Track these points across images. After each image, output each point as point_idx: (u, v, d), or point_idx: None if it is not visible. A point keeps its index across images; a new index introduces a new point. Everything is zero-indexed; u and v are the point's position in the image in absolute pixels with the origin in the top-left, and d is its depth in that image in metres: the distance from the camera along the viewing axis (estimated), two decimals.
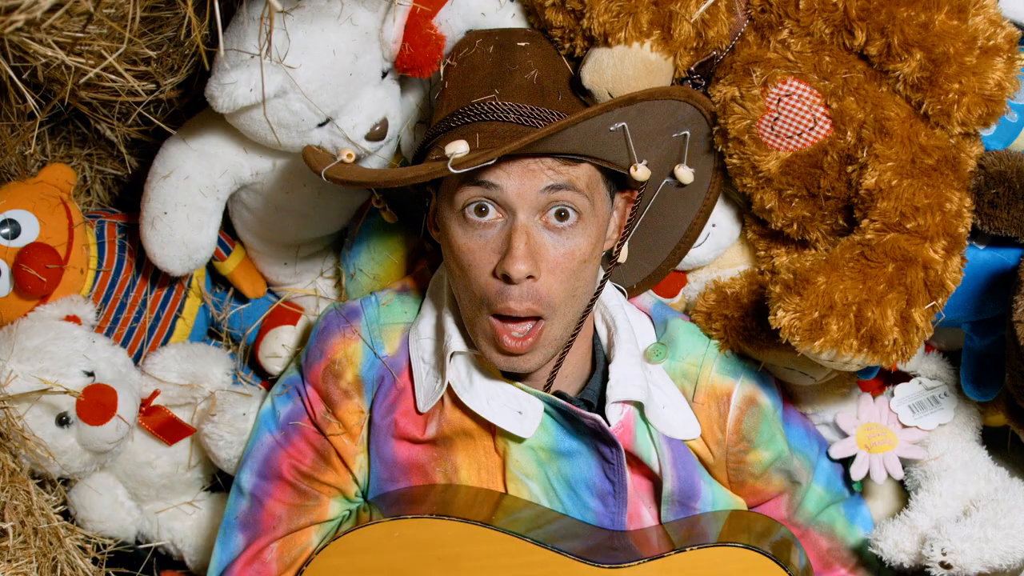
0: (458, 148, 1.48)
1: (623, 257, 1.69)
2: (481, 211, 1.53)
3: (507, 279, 1.51)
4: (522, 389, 1.63)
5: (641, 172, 1.58)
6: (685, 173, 1.65)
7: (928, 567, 1.68)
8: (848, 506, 1.83)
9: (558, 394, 1.65)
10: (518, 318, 1.55)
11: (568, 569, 1.61)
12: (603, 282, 1.66)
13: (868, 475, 1.79)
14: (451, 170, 1.45)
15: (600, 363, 1.70)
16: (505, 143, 1.47)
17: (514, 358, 1.58)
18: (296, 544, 1.70)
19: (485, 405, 1.62)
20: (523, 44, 1.61)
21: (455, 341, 1.64)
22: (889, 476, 1.79)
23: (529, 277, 1.52)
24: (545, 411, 1.63)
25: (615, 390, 1.64)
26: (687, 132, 1.64)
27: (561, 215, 1.53)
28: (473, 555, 1.62)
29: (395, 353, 1.70)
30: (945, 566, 1.66)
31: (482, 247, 1.54)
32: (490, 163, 1.45)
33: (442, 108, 1.62)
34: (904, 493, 1.85)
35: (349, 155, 1.64)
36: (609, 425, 1.63)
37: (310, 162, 1.58)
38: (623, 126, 1.54)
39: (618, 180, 1.63)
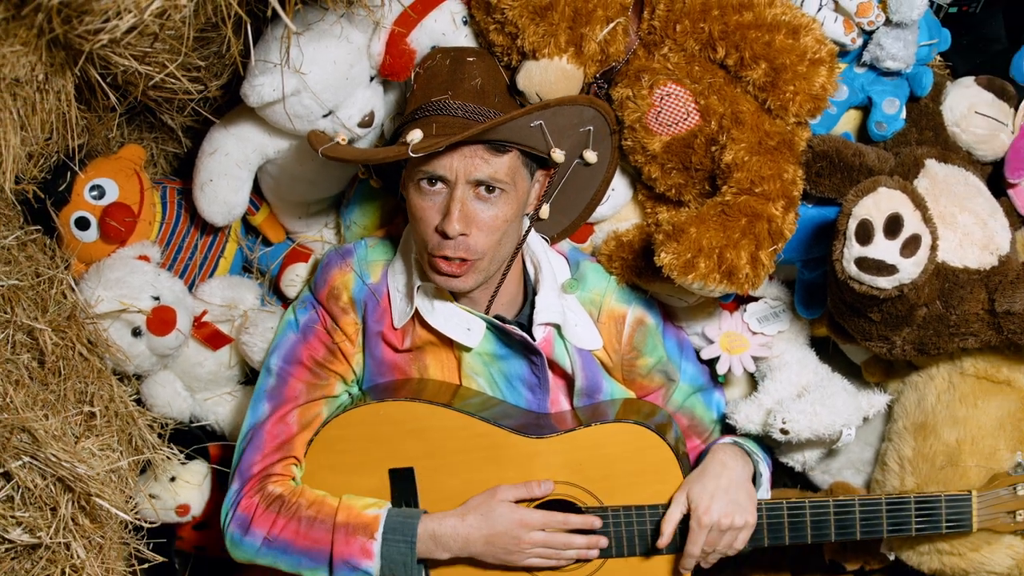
0: (415, 136, 1.60)
1: (544, 214, 1.82)
2: (431, 182, 1.66)
3: (445, 235, 1.65)
4: (469, 312, 1.79)
5: (558, 155, 1.69)
6: (591, 155, 1.77)
7: (771, 432, 1.84)
8: (705, 395, 1.98)
9: (498, 317, 1.81)
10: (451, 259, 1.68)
11: (506, 440, 1.75)
12: (527, 232, 1.81)
13: (730, 370, 1.93)
14: (410, 154, 1.58)
15: (530, 294, 1.86)
16: (454, 131, 1.61)
17: (451, 279, 1.69)
18: (311, 411, 1.81)
19: (443, 323, 1.78)
20: (471, 59, 1.71)
21: (418, 278, 1.78)
22: (744, 370, 1.93)
23: (462, 235, 1.64)
24: (487, 328, 1.80)
25: (539, 315, 1.81)
26: (591, 127, 1.75)
27: (489, 189, 1.66)
28: (437, 428, 1.76)
29: (378, 281, 1.84)
30: (783, 432, 1.82)
31: (430, 207, 1.67)
32: (439, 149, 1.59)
33: (410, 104, 1.72)
34: (754, 383, 1.99)
35: (342, 139, 1.73)
36: (534, 340, 1.79)
37: (312, 143, 1.69)
38: (540, 123, 1.66)
39: (538, 160, 1.75)
